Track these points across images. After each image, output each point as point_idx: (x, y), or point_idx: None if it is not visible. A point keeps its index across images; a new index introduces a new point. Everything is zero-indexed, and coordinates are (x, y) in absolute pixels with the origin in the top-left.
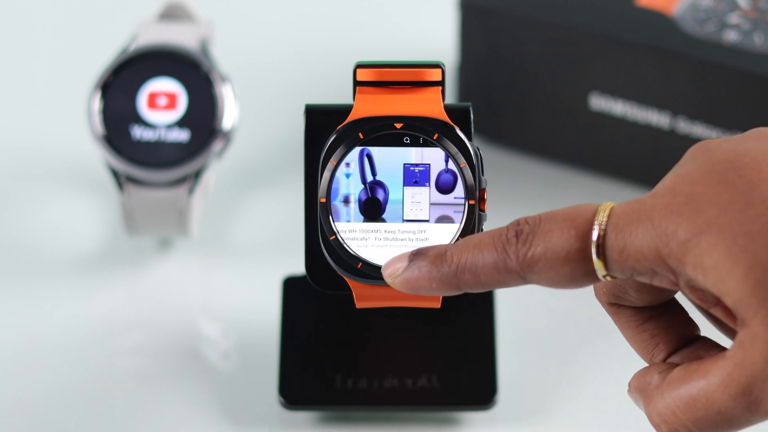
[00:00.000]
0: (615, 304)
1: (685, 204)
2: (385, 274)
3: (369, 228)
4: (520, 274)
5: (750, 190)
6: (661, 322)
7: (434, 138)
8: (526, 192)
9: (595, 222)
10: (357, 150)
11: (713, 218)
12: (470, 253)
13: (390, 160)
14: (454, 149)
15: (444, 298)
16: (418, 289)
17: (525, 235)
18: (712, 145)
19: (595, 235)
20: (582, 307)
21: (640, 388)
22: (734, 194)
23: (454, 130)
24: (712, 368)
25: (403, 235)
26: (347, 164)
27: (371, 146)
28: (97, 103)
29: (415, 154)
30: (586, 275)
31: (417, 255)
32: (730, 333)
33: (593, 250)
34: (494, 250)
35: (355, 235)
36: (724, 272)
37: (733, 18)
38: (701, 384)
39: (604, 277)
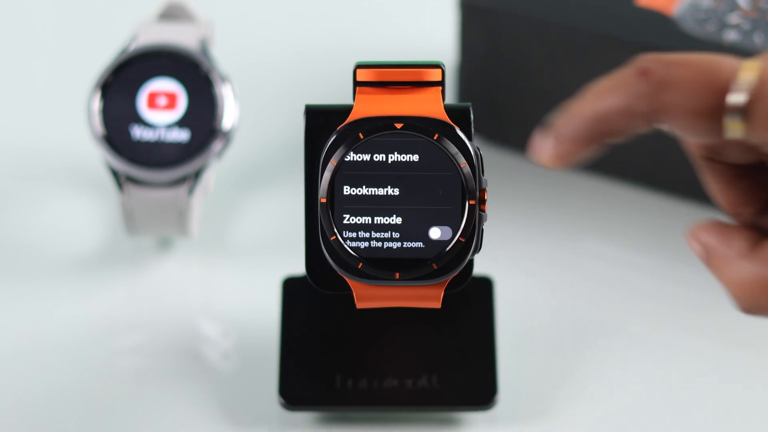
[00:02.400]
0: (710, 159)
1: None
2: (538, 157)
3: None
4: (652, 119)
5: None
6: (757, 180)
7: (434, 138)
8: (527, 192)
9: (741, 80)
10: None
11: None
12: (594, 100)
13: None
14: (454, 149)
15: (445, 300)
16: (573, 157)
17: (659, 83)
18: None
19: (742, 99)
20: (583, 306)
21: (713, 246)
22: None
23: (455, 130)
24: None
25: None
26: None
27: (371, 146)
28: (97, 103)
29: None
30: (718, 132)
31: (548, 128)
32: None
33: (733, 114)
34: (617, 93)
35: (356, 234)
36: None
37: (734, 18)
38: None
39: (738, 138)
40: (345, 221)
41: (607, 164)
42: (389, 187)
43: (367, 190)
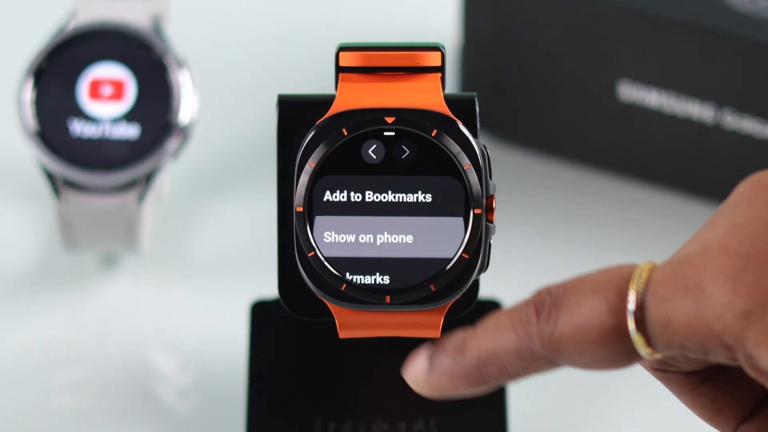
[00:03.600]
0: (661, 370)
1: (744, 267)
2: (408, 380)
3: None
4: (549, 358)
5: None
6: (720, 384)
7: (432, 134)
8: (544, 199)
9: (630, 291)
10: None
11: None
12: (489, 340)
13: None
14: (456, 148)
15: (445, 329)
16: (448, 393)
17: (547, 311)
18: None
19: (631, 308)
20: None
21: None
22: None
23: (456, 125)
24: None
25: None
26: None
27: (357, 144)
28: (28, 93)
29: None
30: (628, 356)
31: (435, 350)
32: None
33: (630, 325)
34: (514, 333)
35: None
36: None
37: None
38: None
39: (649, 355)
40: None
41: (639, 166)
42: None
43: None
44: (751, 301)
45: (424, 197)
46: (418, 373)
